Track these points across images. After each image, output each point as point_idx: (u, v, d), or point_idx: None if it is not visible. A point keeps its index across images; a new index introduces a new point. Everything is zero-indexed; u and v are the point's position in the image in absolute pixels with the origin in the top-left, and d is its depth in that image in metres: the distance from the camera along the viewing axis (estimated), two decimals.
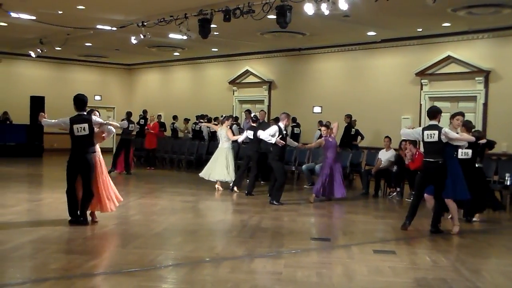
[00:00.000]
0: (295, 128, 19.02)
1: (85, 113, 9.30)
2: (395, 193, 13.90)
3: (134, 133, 18.82)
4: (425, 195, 9.61)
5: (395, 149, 14.41)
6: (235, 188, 13.82)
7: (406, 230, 9.35)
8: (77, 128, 9.01)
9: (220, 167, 14.07)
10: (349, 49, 20.06)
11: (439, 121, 9.38)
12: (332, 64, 20.76)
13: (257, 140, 13.39)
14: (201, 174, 14.39)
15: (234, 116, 20.90)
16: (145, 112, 22.80)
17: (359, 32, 17.62)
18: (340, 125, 17.19)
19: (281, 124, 12.42)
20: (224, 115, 15.76)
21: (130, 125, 18.15)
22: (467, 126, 10.19)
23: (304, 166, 15.90)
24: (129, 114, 18.70)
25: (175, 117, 23.35)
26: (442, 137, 9.11)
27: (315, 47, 20.69)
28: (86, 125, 9.05)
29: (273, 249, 7.79)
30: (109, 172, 16.61)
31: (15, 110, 24.22)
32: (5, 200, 11.61)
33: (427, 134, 9.25)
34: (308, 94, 21.12)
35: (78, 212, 9.02)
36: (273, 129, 12.29)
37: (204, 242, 8.05)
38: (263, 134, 12.34)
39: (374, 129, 18.38)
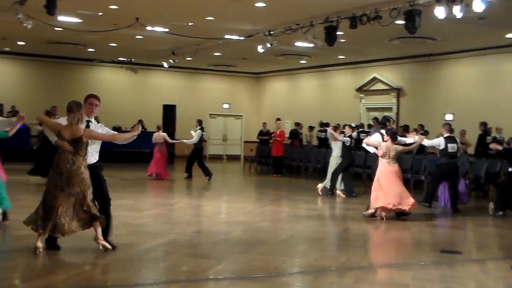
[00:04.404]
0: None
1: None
2: None
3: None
4: None
5: None
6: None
7: None
8: None
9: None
10: (484, 53, 19.13)
11: None
12: (465, 69, 19.91)
13: None
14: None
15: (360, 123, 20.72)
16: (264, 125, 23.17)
17: (496, 35, 16.74)
18: (474, 133, 16.52)
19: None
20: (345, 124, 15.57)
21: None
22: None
23: None
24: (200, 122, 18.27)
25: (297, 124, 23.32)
26: None
27: (446, 52, 19.96)
28: None
29: (400, 260, 7.55)
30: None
31: (149, 118, 25.34)
32: (140, 204, 12.16)
33: None
34: (439, 101, 20.40)
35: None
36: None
37: (329, 251, 7.97)
38: None
39: None
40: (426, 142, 12.46)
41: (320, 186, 14.54)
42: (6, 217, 8.86)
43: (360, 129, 19.15)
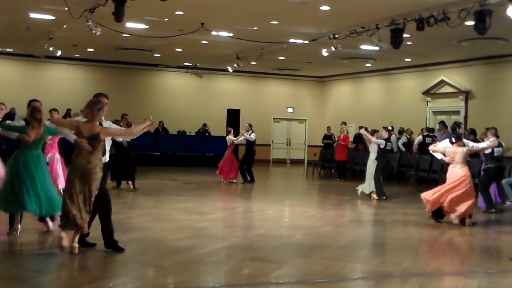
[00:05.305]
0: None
1: None
2: None
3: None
4: None
5: None
6: None
7: None
8: None
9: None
10: None
11: None
12: None
13: None
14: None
15: (426, 127, 20.27)
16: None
17: None
18: None
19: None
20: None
21: None
22: None
23: (504, 181, 14.77)
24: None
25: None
26: None
27: None
28: None
29: (465, 267, 7.32)
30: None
31: (213, 122, 25.64)
32: (202, 207, 12.25)
33: None
34: (511, 104, 19.70)
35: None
36: None
37: (391, 256, 7.81)
38: None
39: None
40: (473, 146, 12.15)
41: (359, 188, 14.67)
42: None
43: (426, 133, 18.81)
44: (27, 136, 8.04)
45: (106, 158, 7.63)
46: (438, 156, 11.11)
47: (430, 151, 11.52)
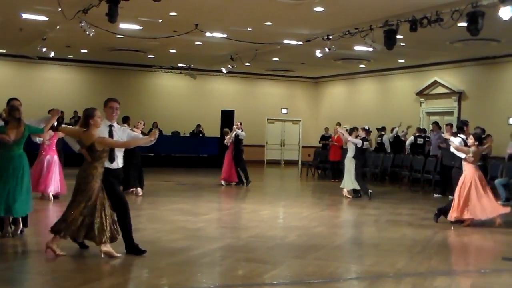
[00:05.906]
0: None
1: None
2: None
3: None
4: None
5: None
6: None
7: None
8: None
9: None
10: None
11: None
12: None
13: None
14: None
15: (418, 127, 20.24)
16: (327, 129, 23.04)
17: None
18: None
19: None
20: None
21: None
22: None
23: (497, 181, 14.86)
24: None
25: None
26: None
27: (511, 54, 19.35)
28: None
29: (459, 267, 7.37)
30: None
31: (207, 123, 25.63)
32: (197, 208, 12.28)
33: None
34: (503, 104, 19.79)
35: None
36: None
37: (385, 257, 7.83)
38: None
39: None
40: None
41: (345, 191, 14.75)
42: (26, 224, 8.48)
43: (417, 134, 18.88)
44: (6, 136, 7.86)
45: (119, 164, 7.46)
46: (462, 155, 11.03)
47: (452, 150, 11.41)
